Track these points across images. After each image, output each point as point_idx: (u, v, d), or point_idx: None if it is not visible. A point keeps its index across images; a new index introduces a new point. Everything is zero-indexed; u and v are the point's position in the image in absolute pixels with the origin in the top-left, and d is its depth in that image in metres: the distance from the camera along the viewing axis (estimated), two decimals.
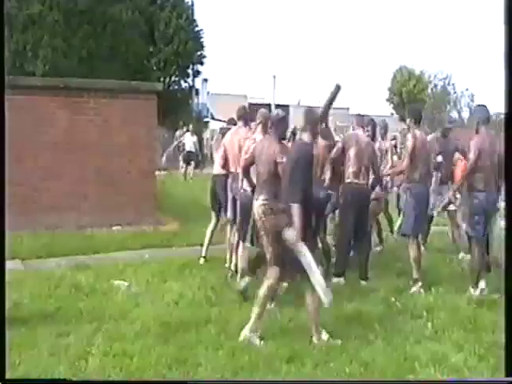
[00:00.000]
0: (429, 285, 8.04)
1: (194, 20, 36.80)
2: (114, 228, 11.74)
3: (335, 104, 8.41)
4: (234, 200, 8.41)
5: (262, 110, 8.05)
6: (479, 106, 8.15)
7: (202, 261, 9.45)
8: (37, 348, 5.79)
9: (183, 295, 7.55)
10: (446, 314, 6.97)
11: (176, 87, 36.70)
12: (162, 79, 32.85)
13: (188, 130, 25.94)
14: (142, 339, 6.08)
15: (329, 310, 6.96)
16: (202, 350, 5.84)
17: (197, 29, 36.78)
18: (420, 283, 7.97)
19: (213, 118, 44.18)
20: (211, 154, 32.64)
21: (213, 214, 9.54)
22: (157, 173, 14.22)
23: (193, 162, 24.19)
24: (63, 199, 11.78)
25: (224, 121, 40.15)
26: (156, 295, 7.60)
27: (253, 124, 8.52)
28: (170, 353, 5.72)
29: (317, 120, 6.59)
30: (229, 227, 8.97)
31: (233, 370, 5.39)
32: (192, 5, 36.87)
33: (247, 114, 8.91)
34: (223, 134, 9.55)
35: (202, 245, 9.64)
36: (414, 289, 7.94)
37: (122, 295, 7.60)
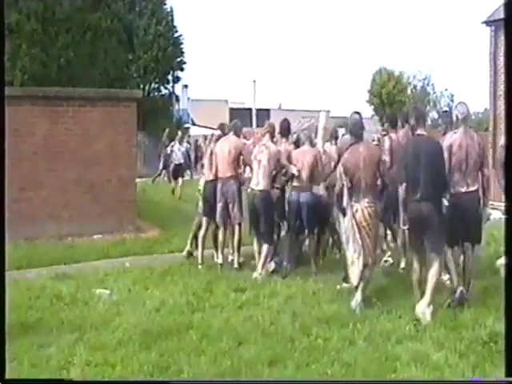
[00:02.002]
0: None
1: (174, 26, 36.83)
2: (95, 236, 11.70)
3: (316, 107, 8.67)
4: (226, 204, 9.22)
5: (270, 122, 9.60)
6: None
7: (200, 267, 9.44)
8: (17, 359, 5.75)
9: (165, 302, 7.53)
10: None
11: (156, 94, 36.68)
12: (142, 86, 32.85)
13: (173, 140, 22.59)
14: (123, 347, 6.06)
15: (310, 311, 7.06)
16: (184, 356, 5.83)
17: (176, 35, 36.81)
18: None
19: (194, 124, 44.16)
20: (195, 160, 32.70)
21: (204, 220, 9.62)
22: (137, 180, 14.18)
23: (180, 179, 20.27)
24: (43, 209, 11.73)
25: (205, 126, 40.30)
26: (137, 303, 7.58)
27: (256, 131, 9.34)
28: (151, 360, 5.70)
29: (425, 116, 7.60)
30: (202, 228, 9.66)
31: (215, 375, 5.38)
32: (171, 11, 36.90)
33: (238, 127, 9.68)
34: (215, 141, 9.74)
35: (189, 253, 10.01)
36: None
37: (104, 304, 7.56)
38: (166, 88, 37.53)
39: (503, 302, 5.24)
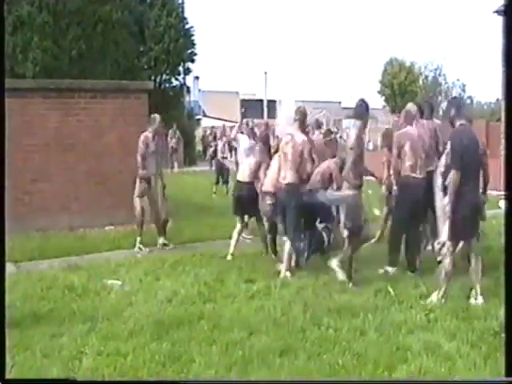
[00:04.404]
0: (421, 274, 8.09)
1: (185, 18, 36.73)
2: (107, 228, 11.75)
3: (327, 98, 8.63)
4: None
5: (300, 107, 8.77)
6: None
7: (229, 257, 9.46)
8: (30, 350, 5.80)
9: (176, 292, 7.56)
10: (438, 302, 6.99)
11: (167, 85, 36.65)
12: (152, 78, 32.78)
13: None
14: (135, 337, 6.09)
15: (321, 302, 7.06)
16: (195, 346, 5.85)
17: (187, 26, 36.72)
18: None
19: (205, 116, 44.18)
20: (204, 151, 32.74)
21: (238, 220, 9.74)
22: None
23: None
24: (54, 201, 11.78)
25: (217, 118, 40.29)
26: (149, 293, 7.61)
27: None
28: (163, 350, 5.72)
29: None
30: None
31: (226, 365, 5.40)
32: (182, 2, 36.81)
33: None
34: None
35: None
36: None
37: (115, 294, 7.60)
38: (177, 80, 37.47)
39: None
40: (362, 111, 8.13)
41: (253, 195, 9.22)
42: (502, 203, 7.89)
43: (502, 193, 7.78)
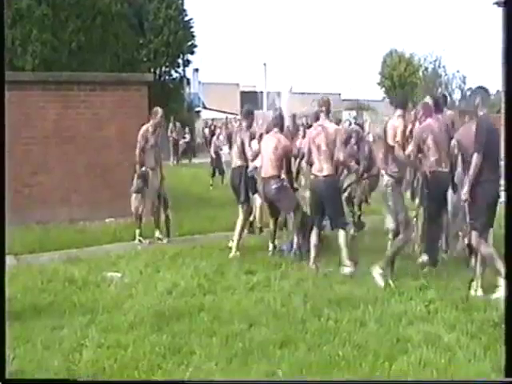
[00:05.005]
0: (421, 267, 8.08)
1: (184, 10, 36.72)
2: (107, 220, 11.75)
3: (327, 90, 8.49)
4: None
5: (324, 97, 8.63)
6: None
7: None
8: (31, 342, 5.81)
9: (176, 284, 7.56)
10: (438, 294, 6.99)
11: (167, 77, 36.64)
12: (152, 70, 32.81)
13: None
14: (135, 330, 6.09)
15: (321, 293, 7.06)
16: (195, 338, 5.85)
17: (186, 18, 36.69)
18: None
19: (205, 108, 44.13)
20: (205, 143, 32.78)
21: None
22: None
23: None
24: (54, 193, 11.80)
25: (217, 110, 40.24)
26: (149, 285, 7.61)
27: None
28: (163, 342, 5.73)
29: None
30: None
31: (227, 357, 5.40)
32: None
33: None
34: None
35: None
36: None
37: (115, 287, 7.60)
38: (176, 72, 37.49)
39: None
40: (403, 100, 7.97)
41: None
42: (502, 194, 7.86)
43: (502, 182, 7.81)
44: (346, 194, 10.07)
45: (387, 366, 5.13)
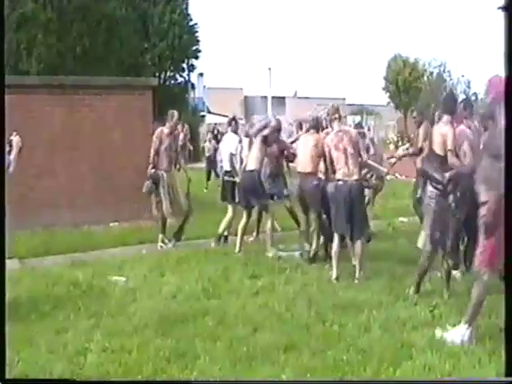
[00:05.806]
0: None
1: (189, 14, 36.78)
2: (111, 224, 11.77)
3: (331, 94, 8.46)
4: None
5: (333, 104, 8.66)
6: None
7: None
8: (35, 345, 5.80)
9: (181, 288, 7.57)
10: (443, 299, 6.98)
11: (172, 82, 36.69)
12: (157, 74, 32.86)
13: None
14: (140, 334, 6.09)
15: (326, 298, 7.06)
16: (200, 342, 5.84)
17: (191, 23, 36.74)
18: None
19: (209, 112, 44.16)
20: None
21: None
22: None
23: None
24: (59, 197, 11.81)
25: (221, 114, 40.24)
26: (153, 289, 7.62)
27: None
28: (168, 346, 5.72)
29: None
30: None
31: (231, 361, 5.39)
32: None
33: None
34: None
35: None
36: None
37: (120, 290, 7.61)
38: (181, 76, 37.53)
39: None
40: (452, 105, 7.57)
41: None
42: None
43: None
44: None
45: (391, 371, 5.12)
